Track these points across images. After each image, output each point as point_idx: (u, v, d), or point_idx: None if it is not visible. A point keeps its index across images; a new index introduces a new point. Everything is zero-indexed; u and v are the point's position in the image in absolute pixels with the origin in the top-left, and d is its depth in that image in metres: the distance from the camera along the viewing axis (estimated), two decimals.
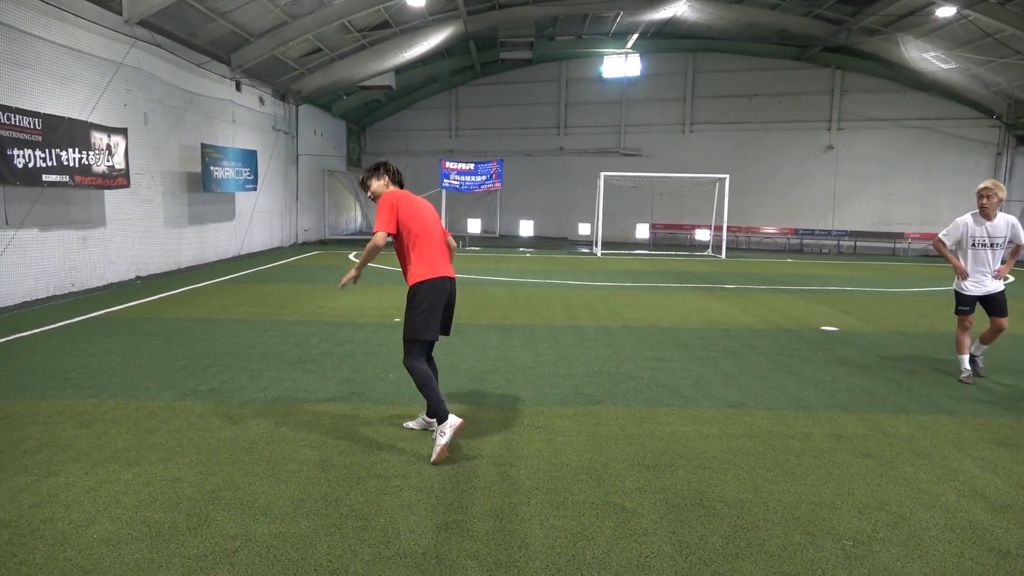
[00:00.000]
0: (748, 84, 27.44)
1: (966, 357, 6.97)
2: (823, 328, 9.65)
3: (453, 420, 4.52)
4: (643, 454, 4.68)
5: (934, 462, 4.67)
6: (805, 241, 27.49)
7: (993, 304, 6.88)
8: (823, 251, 26.98)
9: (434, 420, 4.62)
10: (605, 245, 23.42)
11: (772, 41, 25.68)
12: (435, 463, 4.39)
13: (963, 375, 6.90)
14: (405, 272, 4.74)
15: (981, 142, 25.03)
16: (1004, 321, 6.86)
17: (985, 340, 7.06)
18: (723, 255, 23.01)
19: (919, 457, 4.75)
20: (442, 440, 4.44)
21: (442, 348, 7.75)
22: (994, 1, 16.74)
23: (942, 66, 21.25)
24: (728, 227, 23.77)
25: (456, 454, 4.60)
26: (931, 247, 25.89)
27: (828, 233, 27.22)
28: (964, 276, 6.89)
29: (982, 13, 17.06)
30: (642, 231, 29.32)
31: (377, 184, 4.88)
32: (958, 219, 6.95)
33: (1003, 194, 6.67)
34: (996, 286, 6.87)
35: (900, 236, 26.33)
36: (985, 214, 6.74)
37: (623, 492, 4.07)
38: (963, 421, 5.58)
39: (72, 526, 3.52)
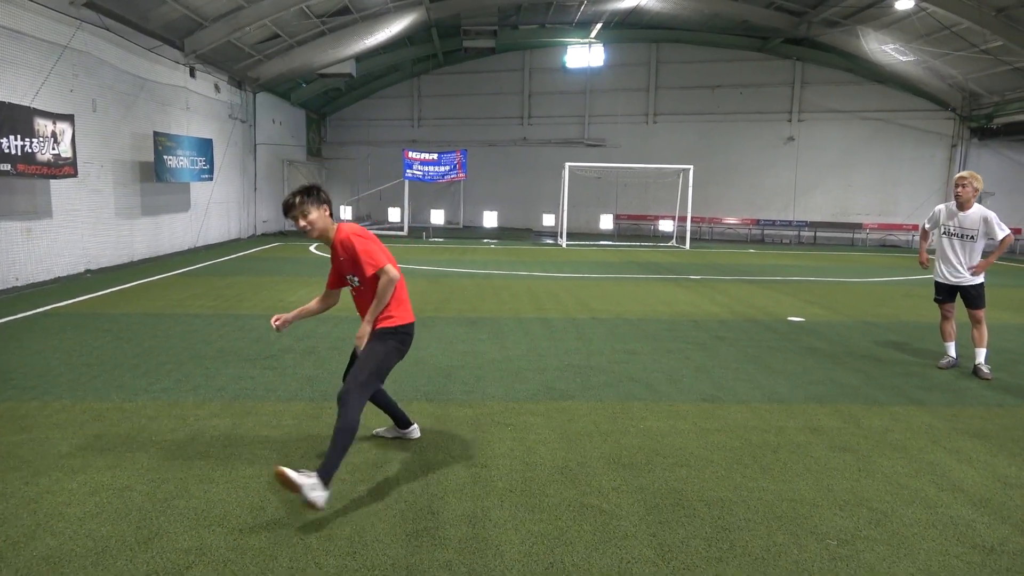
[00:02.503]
0: (711, 75, 27.55)
1: (950, 345, 7.03)
2: (790, 318, 9.65)
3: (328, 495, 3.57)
4: (618, 452, 4.54)
5: (910, 455, 4.62)
6: (767, 231, 27.78)
7: (966, 297, 6.85)
8: (784, 241, 27.29)
9: (316, 475, 3.56)
10: (570, 236, 23.33)
11: (735, 32, 25.78)
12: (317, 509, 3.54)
13: (942, 361, 6.98)
14: (376, 315, 3.95)
15: (937, 134, 25.53)
16: (979, 313, 6.80)
17: (976, 342, 6.83)
18: (687, 246, 23.10)
19: (895, 450, 4.70)
20: (307, 483, 3.48)
21: None
22: None
23: (900, 58, 21.57)
24: (692, 218, 23.86)
25: (425, 455, 4.40)
26: (889, 238, 26.43)
27: (789, 224, 27.54)
28: (921, 264, 7.27)
29: (939, 6, 17.31)
30: (606, 222, 29.32)
31: (317, 215, 3.91)
32: (937, 206, 7.11)
33: (979, 184, 6.66)
34: (971, 280, 6.80)
35: (859, 227, 26.76)
36: (959, 204, 6.73)
37: (600, 492, 3.92)
38: (934, 412, 5.57)
39: (8, 543, 3.24)
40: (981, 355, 6.78)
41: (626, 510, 3.72)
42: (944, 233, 6.89)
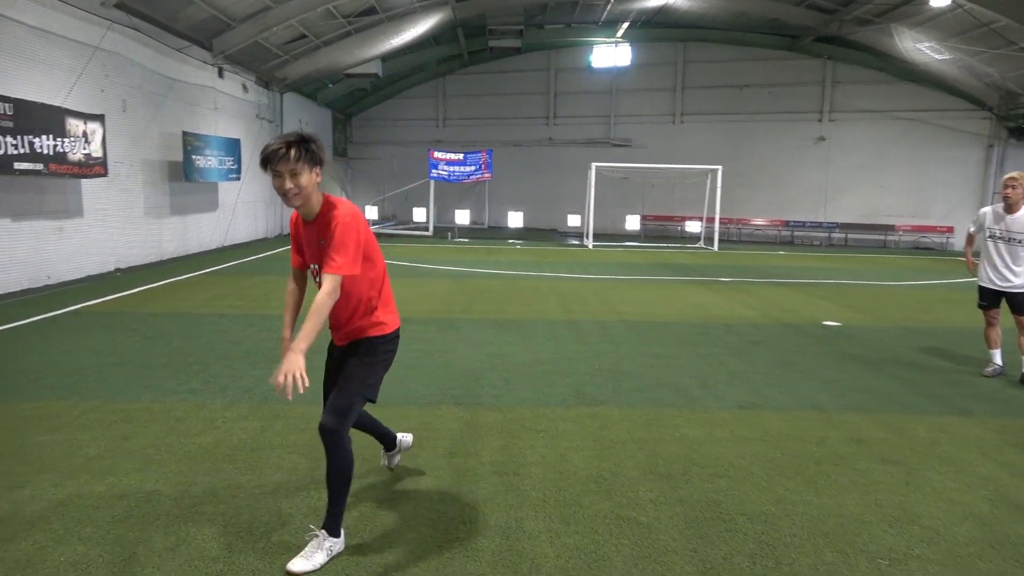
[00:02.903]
0: (739, 75, 27.17)
1: (996, 352, 6.79)
2: (825, 323, 9.42)
3: (342, 540, 3.23)
4: (654, 461, 4.40)
5: (960, 468, 4.42)
6: (796, 233, 27.34)
7: (1013, 301, 6.58)
8: (814, 243, 26.85)
9: (323, 532, 3.19)
10: (596, 236, 23.13)
11: (763, 31, 25.40)
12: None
13: (987, 369, 6.75)
14: (352, 325, 3.31)
15: (972, 134, 24.92)
16: None
17: None
18: (715, 247, 22.80)
19: (943, 463, 4.51)
20: (320, 559, 3.09)
21: (436, 345, 7.46)
22: None
23: (935, 57, 21.09)
24: (719, 219, 23.54)
25: (456, 461, 4.29)
26: (922, 240, 25.90)
27: (819, 225, 27.09)
28: (968, 269, 7.11)
29: (977, 3, 16.86)
30: (632, 222, 29.06)
31: (308, 178, 2.98)
32: (981, 209, 6.88)
33: None
34: (1020, 285, 6.50)
35: (891, 228, 26.24)
36: (1008, 207, 6.47)
37: (637, 504, 3.79)
38: (982, 423, 5.35)
39: (37, 547, 3.19)
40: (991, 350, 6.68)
41: (665, 523, 3.58)
42: (990, 237, 6.62)
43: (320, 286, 3.08)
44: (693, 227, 27.00)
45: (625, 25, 25.53)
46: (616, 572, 3.12)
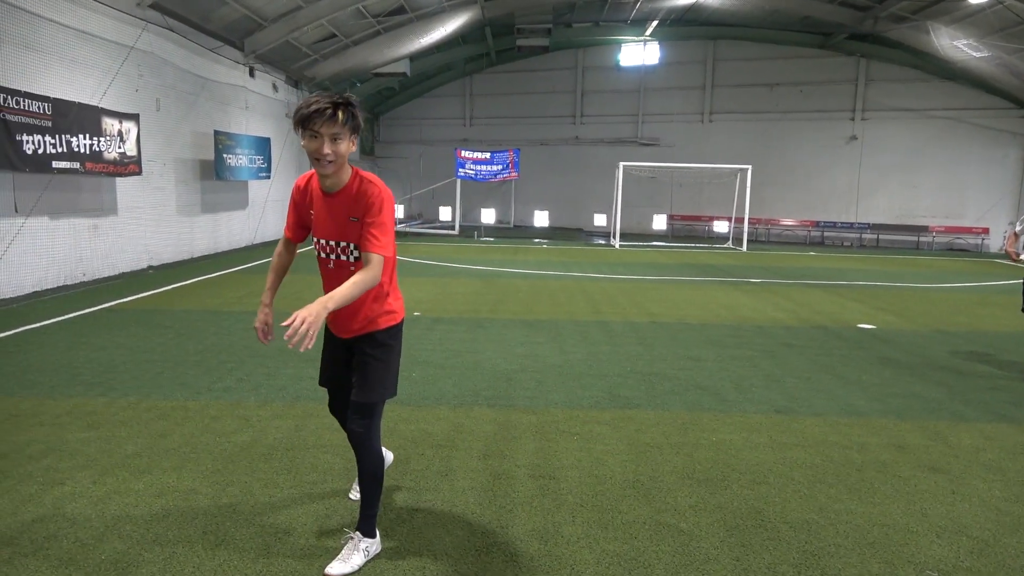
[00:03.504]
0: (770, 73, 26.83)
1: None
2: (860, 326, 9.24)
3: (378, 540, 3.22)
4: (692, 466, 4.33)
5: (1008, 478, 4.30)
6: (826, 234, 26.96)
7: None
8: (845, 244, 26.45)
9: (358, 533, 3.15)
10: (622, 236, 22.99)
11: (795, 28, 25.06)
12: None
13: None
14: (370, 309, 3.07)
15: (1010, 133, 24.36)
16: None
17: None
18: (744, 247, 22.55)
19: (990, 472, 4.38)
20: (358, 561, 3.08)
21: (466, 345, 7.44)
22: None
23: (973, 54, 20.63)
24: (748, 219, 23.29)
25: (491, 463, 4.26)
26: (956, 241, 25.41)
27: (850, 226, 26.67)
28: (1013, 257, 7.20)
29: None
30: (659, 222, 28.86)
31: (347, 145, 2.81)
32: None
33: None
34: None
35: (924, 229, 25.76)
36: None
37: (676, 510, 3.72)
38: None
39: (79, 545, 3.21)
40: None
41: (705, 530, 3.51)
42: None
43: (327, 263, 3.02)
44: (721, 227, 26.73)
45: (654, 23, 25.34)
46: None
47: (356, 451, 3.10)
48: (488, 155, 23.86)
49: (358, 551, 3.10)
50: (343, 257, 2.99)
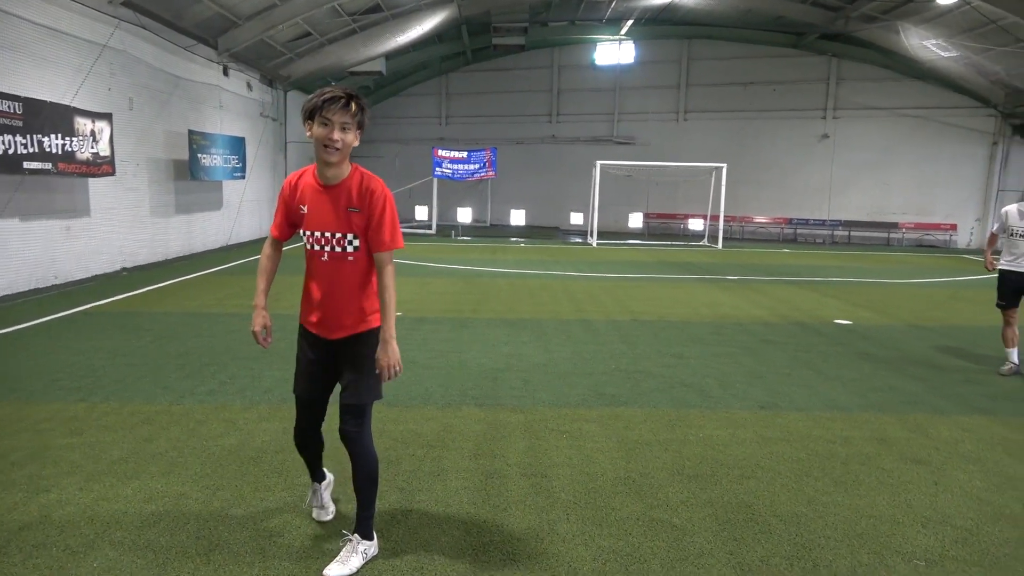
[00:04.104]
0: (744, 72, 27.09)
1: (1012, 351, 6.78)
2: (837, 321, 9.39)
3: (377, 545, 3.22)
4: (681, 462, 4.38)
5: (986, 468, 4.40)
6: (799, 231, 27.30)
7: None
8: (818, 241, 26.81)
9: (356, 536, 3.14)
10: (599, 235, 23.10)
11: (769, 28, 25.33)
12: None
13: (1003, 368, 6.75)
14: (363, 307, 3.09)
15: (978, 131, 24.86)
16: None
17: None
18: (719, 245, 22.77)
19: (969, 463, 4.49)
20: (356, 563, 3.07)
21: (450, 345, 7.44)
22: None
23: (942, 54, 21.05)
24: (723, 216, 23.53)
25: (482, 463, 4.27)
26: (926, 238, 25.87)
27: (823, 223, 27.03)
28: (987, 267, 7.06)
29: (985, 0, 16.82)
30: (635, 220, 29.00)
31: (353, 137, 2.95)
32: (1004, 208, 6.85)
33: None
34: None
35: (895, 226, 26.20)
36: None
37: (668, 506, 3.76)
38: (1005, 423, 5.33)
39: (69, 553, 3.16)
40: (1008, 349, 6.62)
41: (698, 525, 3.56)
42: (1012, 235, 6.61)
43: (319, 255, 3.02)
44: (696, 225, 26.96)
45: (629, 22, 25.47)
46: (654, 575, 3.09)
47: (352, 452, 3.09)
48: (465, 154, 23.85)
49: (356, 553, 3.09)
50: (338, 249, 2.99)
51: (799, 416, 5.35)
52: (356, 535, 3.13)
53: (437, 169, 23.62)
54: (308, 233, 3.03)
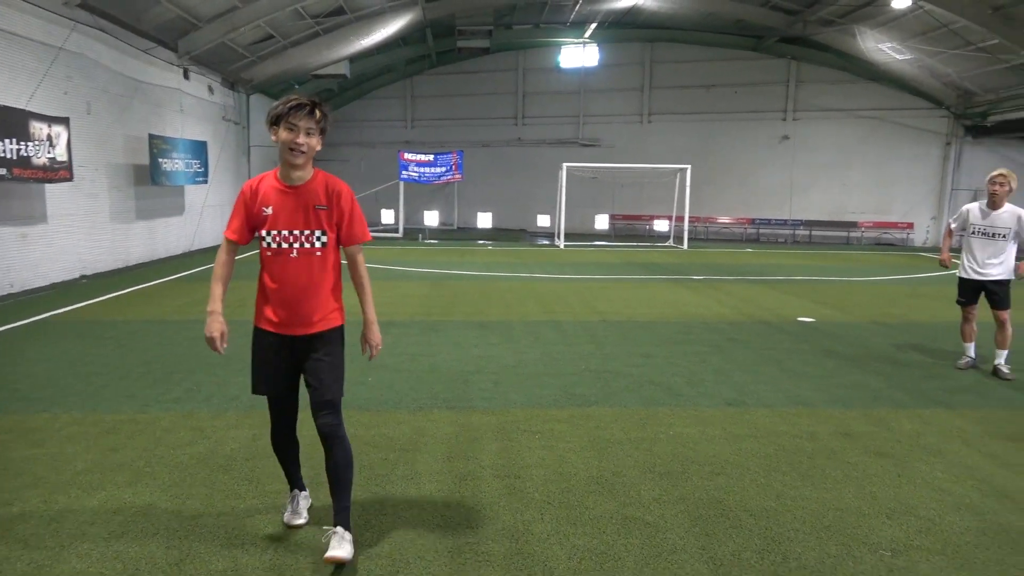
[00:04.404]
0: (706, 75, 27.48)
1: (970, 345, 6.95)
2: (800, 319, 9.58)
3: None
4: (652, 460, 4.43)
5: (947, 459, 4.53)
6: (762, 231, 27.76)
7: (991, 294, 6.70)
8: (780, 240, 27.28)
9: (340, 528, 3.19)
10: (566, 236, 23.21)
11: (729, 31, 25.73)
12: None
13: (961, 361, 6.94)
14: (327, 303, 3.21)
15: (932, 132, 25.56)
16: (1004, 314, 6.67)
17: (1000, 344, 6.70)
18: (685, 245, 23.04)
19: (930, 455, 4.61)
20: (349, 548, 3.14)
21: (420, 348, 7.42)
22: None
23: (896, 57, 21.59)
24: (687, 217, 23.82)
25: (455, 465, 4.27)
26: (884, 236, 26.46)
27: (784, 223, 27.53)
28: (945, 264, 7.17)
29: (937, 4, 17.30)
30: (601, 222, 29.21)
31: (317, 142, 3.12)
32: (965, 205, 6.97)
33: (1015, 183, 6.51)
34: (998, 273, 6.62)
35: (854, 225, 26.77)
36: (992, 203, 6.61)
37: (641, 504, 3.80)
38: (963, 415, 5.49)
39: (34, 567, 3.09)
40: (1003, 356, 6.69)
41: (670, 522, 3.60)
42: (973, 233, 6.73)
43: (287, 253, 3.11)
44: (661, 226, 27.25)
45: (593, 26, 25.67)
46: (629, 572, 3.12)
47: (332, 447, 3.17)
48: (431, 157, 23.78)
49: (345, 540, 3.13)
50: (307, 245, 3.13)
51: (766, 412, 5.45)
52: (339, 528, 3.16)
53: (403, 172, 23.52)
54: (274, 233, 3.12)
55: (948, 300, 7.39)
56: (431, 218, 30.17)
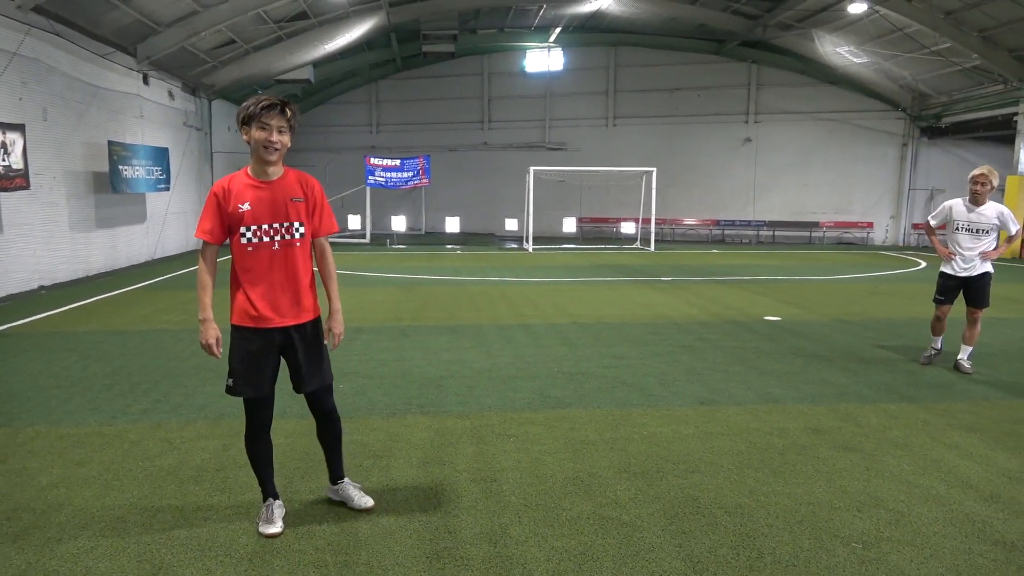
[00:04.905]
0: (669, 78, 27.83)
1: (939, 339, 7.03)
2: (767, 318, 9.73)
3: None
4: (627, 460, 4.46)
5: (913, 452, 4.64)
6: (727, 232, 28.16)
7: (971, 291, 6.72)
8: (744, 241, 27.71)
9: (345, 480, 3.79)
10: (534, 240, 23.29)
11: (691, 36, 26.11)
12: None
13: (925, 353, 7.07)
14: (309, 292, 3.41)
15: (888, 133, 26.21)
16: (979, 313, 6.73)
17: (967, 340, 6.82)
18: (652, 247, 23.26)
19: (897, 448, 4.72)
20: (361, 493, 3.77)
21: (392, 354, 7.38)
22: None
23: (854, 60, 22.10)
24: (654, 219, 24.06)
25: (430, 470, 4.25)
26: (845, 235, 26.98)
27: (748, 223, 27.97)
28: (948, 257, 6.82)
29: (892, 9, 17.76)
30: (569, 225, 29.34)
31: (288, 139, 3.27)
32: (946, 202, 6.95)
33: (996, 181, 6.55)
34: (982, 268, 6.68)
35: (816, 225, 27.30)
36: (975, 200, 6.63)
37: (617, 504, 3.83)
38: (928, 408, 5.63)
39: None
40: (967, 352, 6.82)
41: (647, 521, 3.63)
42: (958, 229, 6.71)
43: (269, 246, 3.27)
44: (628, 228, 27.48)
45: (557, 30, 25.84)
46: (607, 572, 3.14)
47: (331, 423, 3.66)
48: (398, 162, 23.68)
49: (354, 487, 3.75)
50: (287, 236, 3.29)
51: (737, 410, 5.52)
52: (345, 479, 3.76)
53: (370, 177, 23.37)
54: (254, 228, 3.25)
55: (908, 297, 7.61)
56: (398, 223, 30.01)
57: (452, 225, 30.26)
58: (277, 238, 3.27)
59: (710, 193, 28.28)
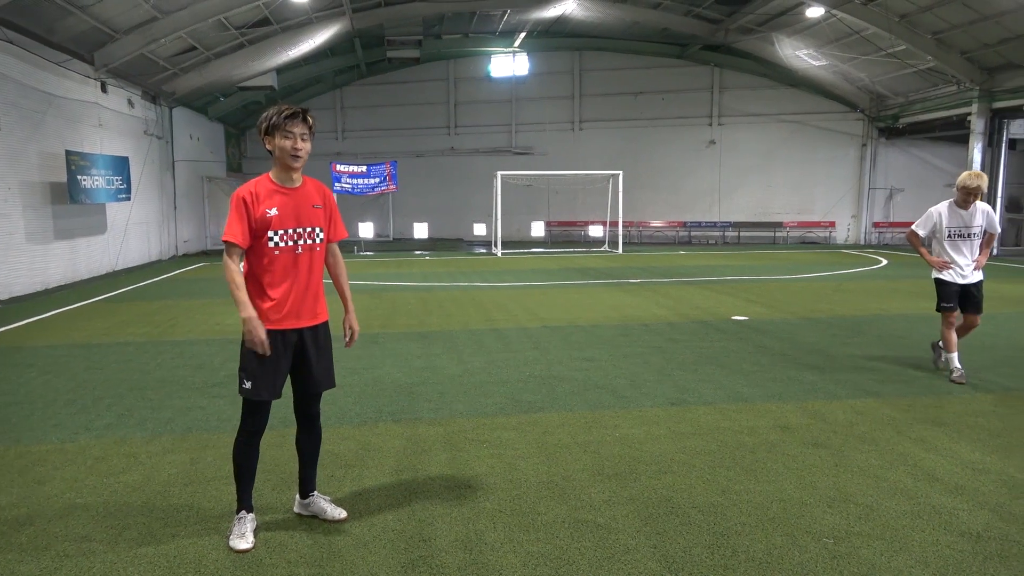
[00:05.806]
0: (633, 82, 28.09)
1: (955, 356, 6.47)
2: (734, 318, 9.85)
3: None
4: (600, 462, 4.47)
5: (880, 447, 4.72)
6: (693, 233, 28.48)
7: (970, 299, 6.56)
8: (710, 242, 28.04)
9: (315, 494, 3.76)
10: (504, 244, 23.30)
11: (655, 40, 26.39)
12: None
13: (954, 375, 6.41)
14: (322, 295, 3.61)
15: (848, 134, 26.76)
16: (977, 319, 6.66)
17: (958, 335, 6.64)
18: (619, 250, 23.42)
19: (864, 443, 4.80)
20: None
21: (362, 361, 7.31)
22: (858, 1, 17.84)
23: (813, 63, 22.53)
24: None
25: (403, 478, 4.22)
26: (808, 235, 27.45)
27: (714, 225, 28.32)
28: (943, 267, 6.51)
29: (848, 13, 18.15)
30: (537, 229, 29.39)
31: (310, 145, 3.42)
32: (932, 208, 6.62)
33: (985, 184, 6.41)
34: (976, 276, 6.54)
35: (779, 225, 27.74)
36: (963, 204, 6.42)
37: (592, 506, 3.83)
38: (893, 404, 5.73)
39: None
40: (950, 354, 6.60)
41: (622, 523, 3.64)
42: (950, 236, 6.52)
43: (293, 250, 3.38)
44: (596, 231, 27.63)
45: (522, 35, 25.91)
46: (583, 575, 3.14)
47: (315, 431, 3.67)
48: (365, 168, 23.53)
49: (325, 500, 3.72)
50: (309, 241, 3.43)
51: (707, 410, 5.57)
52: (315, 492, 3.72)
53: (336, 184, 23.16)
54: (282, 232, 3.34)
55: (871, 294, 7.76)
56: (366, 230, 29.75)
57: (420, 231, 30.10)
58: (301, 242, 3.39)
59: (676, 195, 28.58)
